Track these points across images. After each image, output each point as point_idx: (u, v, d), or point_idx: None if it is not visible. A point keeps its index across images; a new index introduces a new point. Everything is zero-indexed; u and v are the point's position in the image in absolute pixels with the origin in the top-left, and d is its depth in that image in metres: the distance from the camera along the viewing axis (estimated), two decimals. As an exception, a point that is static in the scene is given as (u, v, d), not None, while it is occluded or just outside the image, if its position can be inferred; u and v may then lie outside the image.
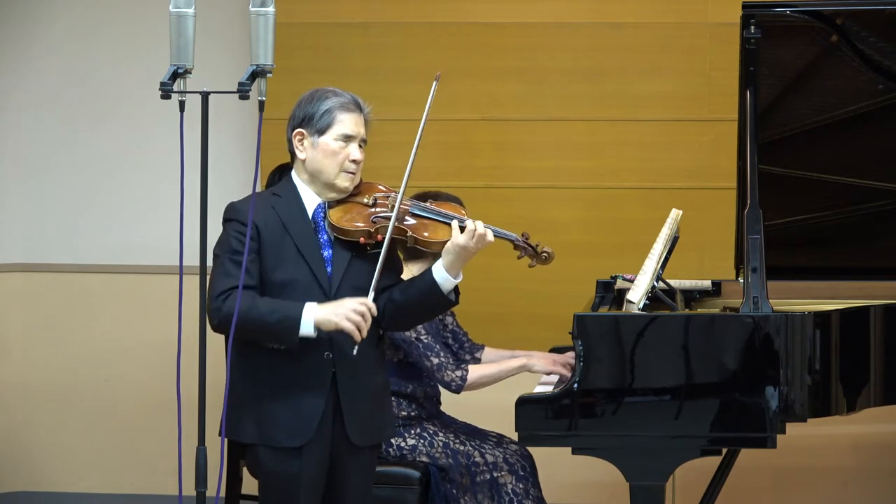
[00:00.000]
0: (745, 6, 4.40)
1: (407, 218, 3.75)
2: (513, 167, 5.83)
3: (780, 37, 4.45)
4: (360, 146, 3.76)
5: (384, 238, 3.70)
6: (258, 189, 4.16)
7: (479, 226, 3.69)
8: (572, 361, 4.64)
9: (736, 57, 4.44)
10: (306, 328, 3.60)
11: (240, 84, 3.43)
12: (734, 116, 4.52)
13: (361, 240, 3.71)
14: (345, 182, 3.75)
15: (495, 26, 5.79)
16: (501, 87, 5.80)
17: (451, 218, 3.74)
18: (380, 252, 3.67)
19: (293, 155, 3.80)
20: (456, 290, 3.75)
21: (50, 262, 6.12)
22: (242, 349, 3.66)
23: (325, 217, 3.76)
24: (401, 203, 3.71)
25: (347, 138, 3.74)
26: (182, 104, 3.44)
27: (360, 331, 3.58)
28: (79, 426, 6.11)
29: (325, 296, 3.70)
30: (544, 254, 3.84)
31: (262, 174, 5.19)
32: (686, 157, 5.74)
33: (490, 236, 3.71)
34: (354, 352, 3.60)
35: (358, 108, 3.77)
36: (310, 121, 3.74)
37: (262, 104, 3.47)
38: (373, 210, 3.75)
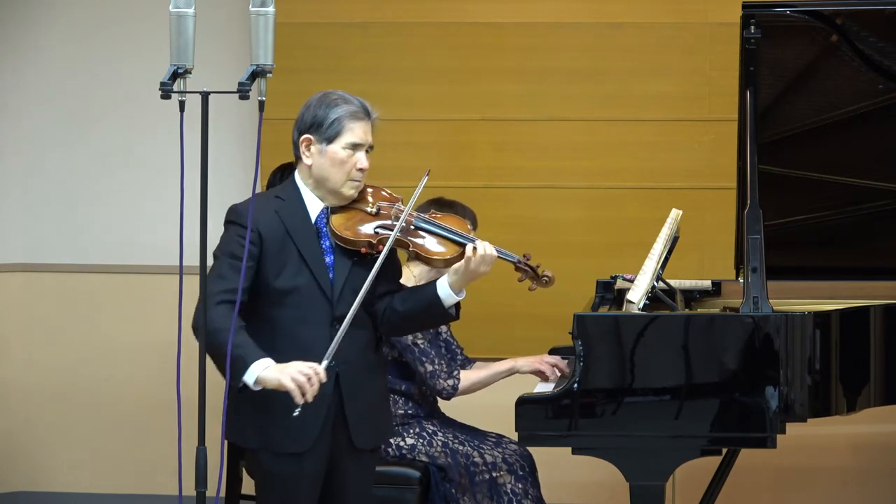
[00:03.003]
0: (745, 6, 4.39)
1: (411, 233, 3.75)
2: (513, 167, 5.82)
3: (780, 37, 4.45)
4: (366, 152, 3.76)
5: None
6: (258, 189, 4.15)
7: (487, 247, 3.70)
8: (560, 363, 4.64)
9: (736, 57, 4.44)
10: (249, 377, 3.55)
11: (240, 84, 3.43)
12: (734, 116, 4.52)
13: (363, 250, 3.71)
14: (350, 190, 3.76)
15: (495, 26, 5.79)
16: (501, 87, 5.79)
17: (457, 236, 3.75)
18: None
19: (298, 159, 3.79)
20: (457, 304, 3.76)
21: (50, 262, 6.12)
22: None
23: (327, 223, 3.75)
24: (405, 218, 3.71)
25: (356, 146, 3.73)
26: (182, 104, 3.44)
27: (302, 393, 3.51)
28: (79, 426, 6.10)
29: (328, 301, 3.70)
30: (545, 277, 3.84)
31: (262, 174, 5.19)
32: (686, 157, 5.73)
33: (493, 252, 3.71)
34: (295, 413, 3.52)
35: (367, 114, 3.76)
36: (318, 128, 3.72)
37: (262, 104, 3.46)
38: (376, 220, 3.75)
